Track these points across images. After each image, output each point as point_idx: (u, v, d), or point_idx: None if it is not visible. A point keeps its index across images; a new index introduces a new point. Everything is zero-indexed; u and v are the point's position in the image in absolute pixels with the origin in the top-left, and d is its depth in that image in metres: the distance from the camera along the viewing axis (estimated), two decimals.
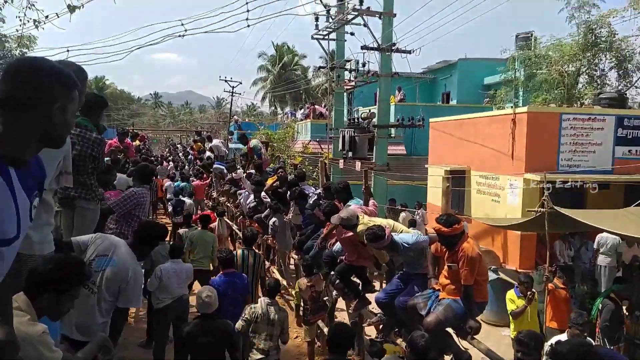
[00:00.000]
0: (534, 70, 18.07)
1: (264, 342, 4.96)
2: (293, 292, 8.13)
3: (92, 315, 3.17)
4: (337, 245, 5.87)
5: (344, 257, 5.47)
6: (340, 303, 7.16)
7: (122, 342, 5.42)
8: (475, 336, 3.99)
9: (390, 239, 4.37)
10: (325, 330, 6.53)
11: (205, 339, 4.28)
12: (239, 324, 4.99)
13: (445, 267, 4.19)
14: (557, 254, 9.42)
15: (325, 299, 6.36)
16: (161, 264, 6.02)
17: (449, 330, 4.29)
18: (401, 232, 4.86)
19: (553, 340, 3.84)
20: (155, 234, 3.67)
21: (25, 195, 1.71)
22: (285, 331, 5.17)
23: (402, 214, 12.24)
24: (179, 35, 6.78)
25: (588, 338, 4.61)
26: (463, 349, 4.09)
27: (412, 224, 9.45)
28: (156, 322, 5.90)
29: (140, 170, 5.12)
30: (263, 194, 9.00)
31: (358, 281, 5.74)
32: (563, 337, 4.67)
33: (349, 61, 15.46)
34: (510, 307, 6.53)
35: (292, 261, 9.00)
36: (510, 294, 6.67)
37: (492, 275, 8.27)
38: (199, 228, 8.44)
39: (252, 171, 11.12)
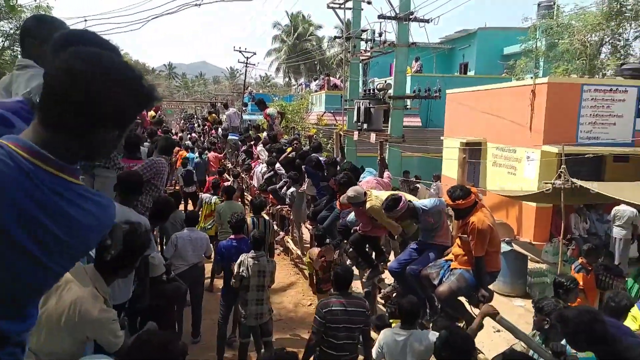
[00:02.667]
0: (556, 40, 17.56)
1: (256, 293, 5.14)
2: (306, 261, 8.28)
3: None
4: (351, 216, 5.91)
5: (358, 228, 5.52)
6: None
7: None
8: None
9: (406, 205, 4.41)
10: None
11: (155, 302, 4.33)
12: (232, 282, 5.19)
13: (457, 238, 4.22)
14: (573, 227, 9.37)
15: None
16: (177, 231, 6.15)
17: (461, 298, 4.34)
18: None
19: None
20: (166, 211, 4.04)
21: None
22: (272, 279, 5.39)
23: (419, 186, 12.22)
24: (196, 4, 6.71)
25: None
26: (475, 316, 4.14)
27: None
28: None
29: (164, 142, 5.20)
30: (277, 165, 9.03)
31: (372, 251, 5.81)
32: None
33: (365, 31, 15.16)
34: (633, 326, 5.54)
35: (306, 231, 9.10)
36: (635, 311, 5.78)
37: (505, 247, 8.28)
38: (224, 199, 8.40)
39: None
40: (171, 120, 40.87)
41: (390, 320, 4.93)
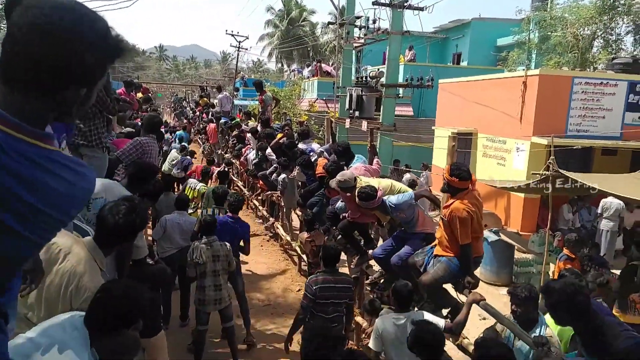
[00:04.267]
0: (549, 33, 17.59)
1: (213, 278, 5.02)
2: (296, 246, 8.29)
3: None
4: (340, 203, 5.93)
5: (346, 214, 5.53)
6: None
7: None
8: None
9: (380, 200, 4.46)
10: None
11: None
12: (187, 271, 5.10)
13: (440, 220, 4.25)
14: (564, 217, 9.50)
15: None
16: (165, 214, 6.12)
17: (448, 285, 4.39)
18: (399, 191, 4.92)
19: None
20: (145, 173, 3.83)
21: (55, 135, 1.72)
22: (231, 262, 5.18)
23: (406, 175, 12.25)
24: None
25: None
26: (461, 302, 4.19)
27: (412, 184, 9.46)
28: None
29: (148, 120, 5.12)
30: (268, 150, 8.99)
31: (360, 237, 5.84)
32: None
33: (359, 17, 15.07)
34: None
35: (295, 218, 9.10)
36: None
37: (493, 237, 8.37)
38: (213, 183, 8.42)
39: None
40: (161, 104, 40.51)
41: (382, 305, 5.00)
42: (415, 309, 4.40)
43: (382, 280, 5.56)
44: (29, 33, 1.00)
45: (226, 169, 10.59)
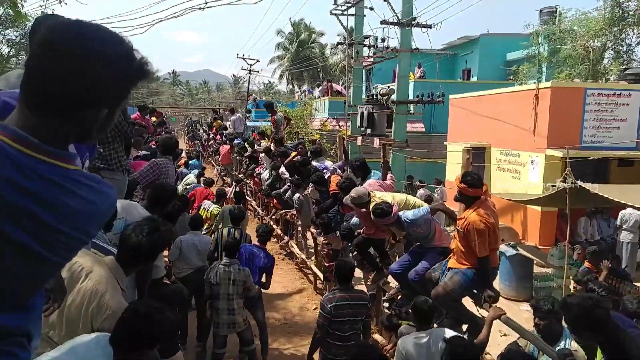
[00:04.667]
0: (558, 46, 17.60)
1: (227, 301, 4.96)
2: (311, 265, 8.26)
3: None
4: (355, 219, 5.92)
5: (361, 230, 5.52)
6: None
7: None
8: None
9: (396, 216, 4.43)
10: None
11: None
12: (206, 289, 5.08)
13: (456, 231, 4.21)
14: (582, 231, 9.36)
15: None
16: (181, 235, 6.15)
17: (468, 300, 4.33)
18: (414, 205, 4.89)
19: None
20: (163, 195, 3.88)
21: (78, 155, 1.75)
22: (251, 288, 5.11)
23: (420, 191, 12.20)
24: (200, 8, 6.77)
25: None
26: (480, 316, 4.12)
27: (428, 200, 9.41)
28: None
29: (164, 142, 5.21)
30: (282, 169, 9.04)
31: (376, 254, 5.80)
32: None
33: (367, 37, 15.25)
34: None
35: (310, 236, 9.09)
36: None
37: (511, 251, 8.24)
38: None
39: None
40: (175, 128, 41.09)
41: (400, 321, 4.94)
42: (435, 325, 4.34)
43: (399, 297, 5.50)
44: (50, 53, 1.00)
45: (239, 189, 10.66)
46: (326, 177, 7.25)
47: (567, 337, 3.38)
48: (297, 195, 8.18)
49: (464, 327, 4.40)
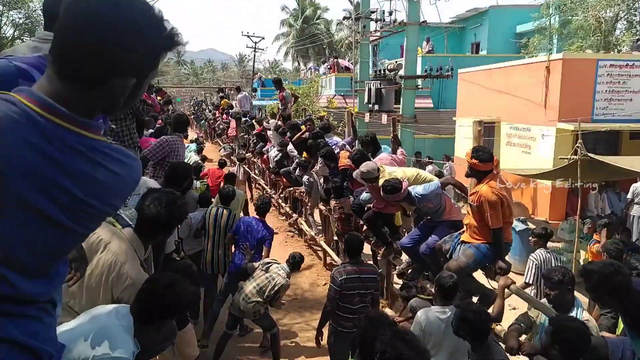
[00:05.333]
0: (569, 17, 17.20)
1: (252, 288, 4.85)
2: (321, 241, 8.31)
3: None
4: (365, 194, 5.91)
5: (371, 205, 5.51)
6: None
7: None
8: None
9: (406, 192, 4.41)
10: None
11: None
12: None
13: (468, 205, 4.20)
14: (593, 205, 9.30)
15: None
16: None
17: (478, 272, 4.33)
18: (424, 180, 4.87)
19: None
20: (180, 173, 3.93)
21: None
22: (279, 297, 4.94)
23: (429, 167, 12.15)
24: None
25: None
26: (490, 287, 4.14)
27: (438, 175, 9.38)
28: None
29: (176, 119, 5.21)
30: (290, 147, 9.01)
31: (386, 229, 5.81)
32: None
33: (374, 11, 15.00)
34: None
35: (319, 214, 9.11)
36: None
37: (521, 226, 8.22)
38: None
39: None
40: (180, 108, 40.99)
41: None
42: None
43: (409, 271, 5.53)
44: (83, 21, 0.99)
45: (238, 170, 10.68)
46: (335, 152, 7.22)
47: (579, 306, 3.39)
48: (306, 176, 8.17)
49: (474, 299, 4.42)
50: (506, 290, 3.78)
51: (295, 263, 5.09)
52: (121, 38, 1.00)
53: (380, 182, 4.91)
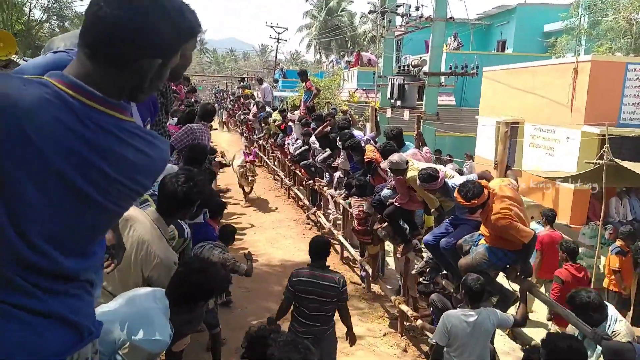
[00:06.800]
0: (599, 17, 16.82)
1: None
2: (339, 236, 8.35)
3: None
4: (386, 191, 5.94)
5: (394, 200, 5.54)
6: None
7: None
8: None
9: (443, 181, 4.41)
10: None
11: None
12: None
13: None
14: (613, 211, 9.17)
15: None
16: None
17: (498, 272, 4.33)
18: (450, 177, 4.86)
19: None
20: (198, 153, 4.08)
21: (140, 118, 1.80)
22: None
23: (449, 165, 12.08)
24: None
25: None
26: (512, 289, 4.14)
27: (460, 173, 9.34)
28: None
29: (203, 108, 5.31)
30: (312, 139, 9.06)
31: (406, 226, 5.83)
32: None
33: (400, 5, 14.88)
34: None
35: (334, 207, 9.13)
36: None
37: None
38: None
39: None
40: (202, 97, 41.25)
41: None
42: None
43: (427, 270, 5.54)
44: (112, 3, 1.04)
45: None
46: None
47: (612, 320, 3.33)
48: (338, 173, 8.21)
49: (493, 299, 4.42)
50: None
51: (226, 233, 4.88)
52: (150, 19, 1.06)
53: (409, 175, 4.92)
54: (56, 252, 1.10)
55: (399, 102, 12.20)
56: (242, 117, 19.53)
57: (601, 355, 3.11)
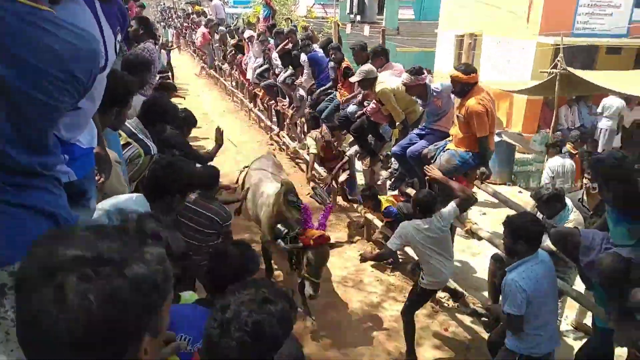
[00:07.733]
0: None
1: None
2: (304, 154, 8.50)
3: None
4: (352, 107, 6.07)
5: (362, 112, 5.69)
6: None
7: None
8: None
9: (426, 78, 4.56)
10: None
11: None
12: None
13: (456, 117, 4.41)
14: (563, 119, 9.69)
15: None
16: None
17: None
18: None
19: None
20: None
21: (110, 29, 1.79)
22: None
23: None
24: None
25: None
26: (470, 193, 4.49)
27: None
28: None
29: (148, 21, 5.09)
30: (274, 55, 8.86)
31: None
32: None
33: None
34: None
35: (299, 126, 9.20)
36: None
37: (495, 138, 8.56)
38: None
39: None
40: (147, 15, 38.31)
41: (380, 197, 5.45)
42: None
43: (392, 180, 5.86)
44: None
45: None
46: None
47: (570, 210, 3.91)
48: (301, 92, 8.15)
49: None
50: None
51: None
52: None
53: (378, 87, 5.06)
54: (12, 149, 1.15)
55: (358, 17, 11.95)
56: (193, 36, 18.59)
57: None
